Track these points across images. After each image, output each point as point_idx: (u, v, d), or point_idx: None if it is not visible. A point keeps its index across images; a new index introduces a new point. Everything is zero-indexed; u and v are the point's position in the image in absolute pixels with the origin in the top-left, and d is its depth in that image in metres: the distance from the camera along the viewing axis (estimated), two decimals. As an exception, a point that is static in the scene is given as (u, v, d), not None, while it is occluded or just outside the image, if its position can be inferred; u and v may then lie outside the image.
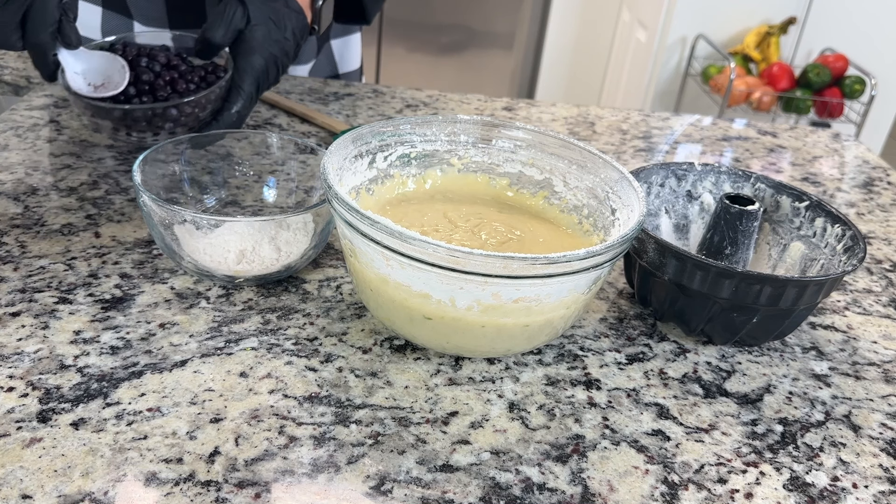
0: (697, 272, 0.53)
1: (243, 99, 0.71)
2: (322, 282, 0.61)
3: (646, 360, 0.56)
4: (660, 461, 0.47)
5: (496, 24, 2.69)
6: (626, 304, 0.63)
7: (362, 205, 0.59)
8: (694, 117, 1.09)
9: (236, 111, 0.71)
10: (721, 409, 0.52)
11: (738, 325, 0.55)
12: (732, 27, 2.22)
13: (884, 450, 0.50)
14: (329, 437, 0.46)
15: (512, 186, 0.64)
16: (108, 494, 0.41)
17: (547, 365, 0.55)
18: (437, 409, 0.49)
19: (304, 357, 0.52)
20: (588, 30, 2.71)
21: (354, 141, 0.57)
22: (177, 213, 0.55)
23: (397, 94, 1.02)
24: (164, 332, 0.53)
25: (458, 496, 0.43)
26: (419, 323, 0.50)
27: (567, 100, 2.81)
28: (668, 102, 2.30)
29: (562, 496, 0.44)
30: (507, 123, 0.63)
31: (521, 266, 0.45)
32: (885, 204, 0.88)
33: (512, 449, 0.47)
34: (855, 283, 0.70)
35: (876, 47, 2.21)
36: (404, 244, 0.46)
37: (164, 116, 0.69)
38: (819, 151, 1.02)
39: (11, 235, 0.62)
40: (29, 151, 0.75)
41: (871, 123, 2.22)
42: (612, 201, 0.58)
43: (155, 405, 0.47)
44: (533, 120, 1.00)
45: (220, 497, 0.41)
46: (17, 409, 0.46)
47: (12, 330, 0.52)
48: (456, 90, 1.08)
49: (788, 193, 0.64)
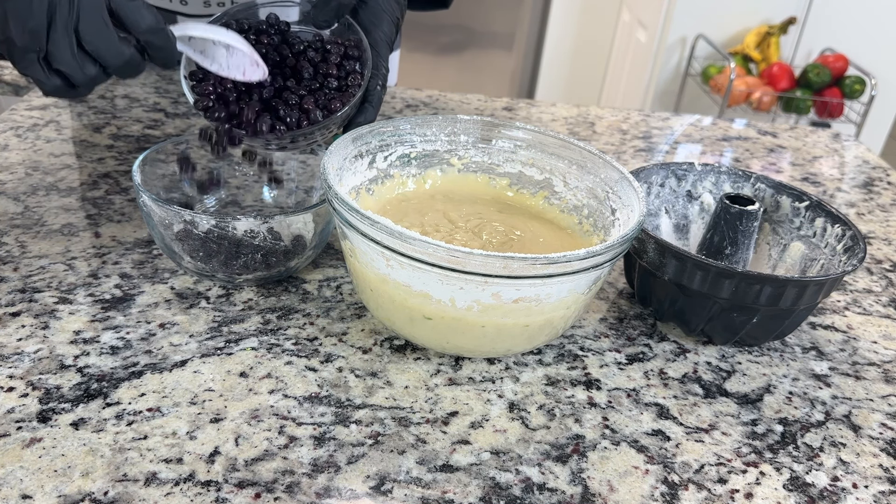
0: (697, 272, 0.53)
1: (383, 79, 0.59)
2: (322, 282, 0.61)
3: (646, 360, 0.56)
4: (660, 461, 0.47)
5: (496, 24, 2.69)
6: (626, 304, 0.63)
7: (362, 205, 0.59)
8: (694, 117, 1.09)
9: (381, 94, 0.58)
10: (721, 409, 0.52)
11: (738, 325, 0.55)
12: (732, 27, 2.22)
13: (884, 450, 0.50)
14: (329, 437, 0.46)
15: (512, 186, 0.64)
16: (108, 494, 0.41)
17: (547, 365, 0.55)
18: (437, 409, 0.49)
19: (304, 357, 0.52)
20: (588, 30, 2.71)
21: (354, 141, 0.57)
22: (177, 213, 0.55)
23: (397, 94, 1.02)
24: (164, 332, 0.53)
25: (458, 496, 0.43)
26: (419, 323, 0.50)
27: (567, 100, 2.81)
28: (668, 102, 2.30)
29: (562, 496, 0.44)
30: (507, 123, 0.63)
31: (521, 266, 0.45)
32: (885, 204, 0.88)
33: (512, 449, 0.47)
34: (855, 283, 0.70)
35: (876, 47, 2.21)
36: (404, 244, 0.46)
37: (309, 135, 0.57)
38: (819, 151, 1.02)
39: (11, 235, 0.62)
40: (29, 151, 0.75)
41: (871, 123, 2.22)
42: (612, 201, 0.58)
43: (155, 405, 0.47)
44: (533, 120, 1.00)
45: (220, 497, 0.41)
46: (17, 409, 0.46)
47: (12, 330, 0.52)
48: (456, 90, 1.08)
49: (788, 193, 0.64)
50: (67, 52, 0.47)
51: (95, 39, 0.47)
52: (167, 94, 0.92)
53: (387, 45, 0.60)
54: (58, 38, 0.46)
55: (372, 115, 0.58)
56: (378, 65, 0.58)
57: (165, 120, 0.85)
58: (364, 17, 0.60)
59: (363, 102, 0.58)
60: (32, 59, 0.47)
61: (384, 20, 0.60)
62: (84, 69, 0.48)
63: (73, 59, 0.47)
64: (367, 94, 0.58)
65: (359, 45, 0.59)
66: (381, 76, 0.58)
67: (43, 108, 0.85)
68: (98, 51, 0.48)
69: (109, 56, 0.48)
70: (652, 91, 2.29)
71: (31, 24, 0.46)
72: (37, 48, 0.47)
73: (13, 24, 0.46)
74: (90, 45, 0.47)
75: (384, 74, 0.59)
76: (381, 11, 0.60)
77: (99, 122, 0.83)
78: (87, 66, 0.48)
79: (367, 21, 0.59)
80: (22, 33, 0.46)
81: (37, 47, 0.47)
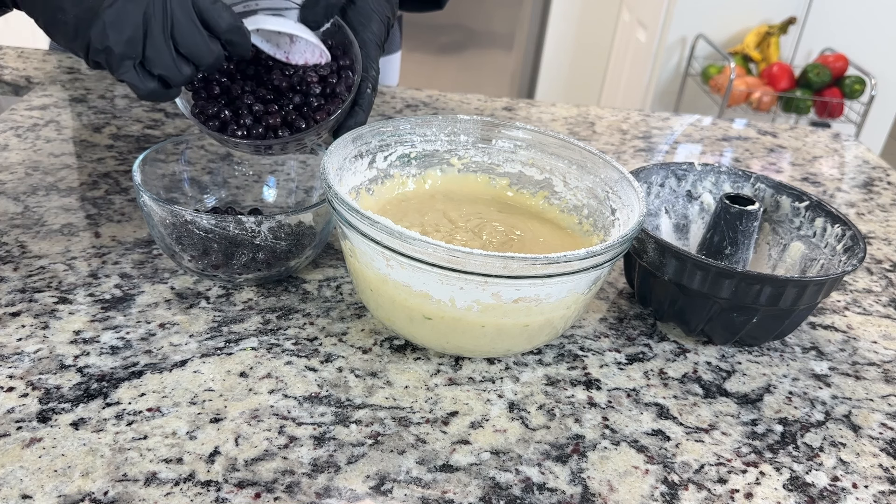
0: (697, 272, 0.53)
1: (373, 81, 0.58)
2: (322, 282, 0.61)
3: (646, 360, 0.56)
4: (660, 461, 0.47)
5: (496, 24, 2.69)
6: (626, 304, 0.63)
7: (362, 205, 0.59)
8: (694, 117, 1.09)
9: (371, 96, 0.58)
10: (721, 409, 0.52)
11: (738, 325, 0.55)
12: (732, 27, 2.22)
13: (884, 450, 0.50)
14: (329, 437, 0.46)
15: (512, 186, 0.64)
16: (108, 494, 0.41)
17: (547, 365, 0.55)
18: (437, 409, 0.49)
19: (304, 357, 0.52)
20: (588, 30, 2.71)
21: (354, 141, 0.57)
22: (177, 213, 0.55)
23: (397, 94, 1.02)
24: (164, 332, 0.53)
25: (458, 496, 0.43)
26: (419, 323, 0.50)
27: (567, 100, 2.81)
28: (668, 102, 2.30)
29: (562, 496, 0.44)
30: (507, 123, 0.63)
31: (521, 266, 0.45)
32: (885, 204, 0.88)
33: (512, 449, 0.47)
34: (855, 283, 0.70)
35: (876, 47, 2.21)
36: (404, 244, 0.46)
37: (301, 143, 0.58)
38: (819, 151, 1.02)
39: (11, 235, 0.62)
40: (29, 151, 0.75)
41: (871, 123, 2.22)
42: (612, 201, 0.58)
43: (155, 405, 0.47)
44: (533, 120, 1.00)
45: (220, 497, 0.41)
46: (17, 409, 0.46)
47: (12, 330, 0.52)
48: (456, 90, 1.08)
49: (788, 193, 0.64)
50: (167, 56, 0.49)
51: (189, 42, 0.50)
52: (167, 94, 0.92)
53: (376, 45, 0.59)
54: (157, 45, 0.49)
55: (362, 119, 0.58)
56: (367, 67, 0.58)
57: (165, 120, 0.85)
58: (353, 18, 0.59)
59: (353, 106, 0.58)
60: (129, 66, 0.49)
61: (374, 20, 0.59)
62: (181, 70, 0.50)
63: (172, 63, 0.50)
64: (356, 98, 0.58)
65: (347, 48, 0.59)
66: (370, 79, 0.58)
67: (43, 108, 0.85)
68: (192, 52, 0.50)
69: (203, 56, 0.51)
70: (652, 91, 2.29)
71: (129, 33, 0.48)
72: (134, 55, 0.49)
73: (111, 35, 0.48)
74: (185, 47, 0.50)
75: (374, 77, 0.58)
76: (371, 11, 0.59)
77: (99, 122, 0.83)
78: (183, 66, 0.51)
79: (356, 21, 0.59)
80: (120, 42, 0.48)
81: (134, 54, 0.49)
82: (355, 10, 0.59)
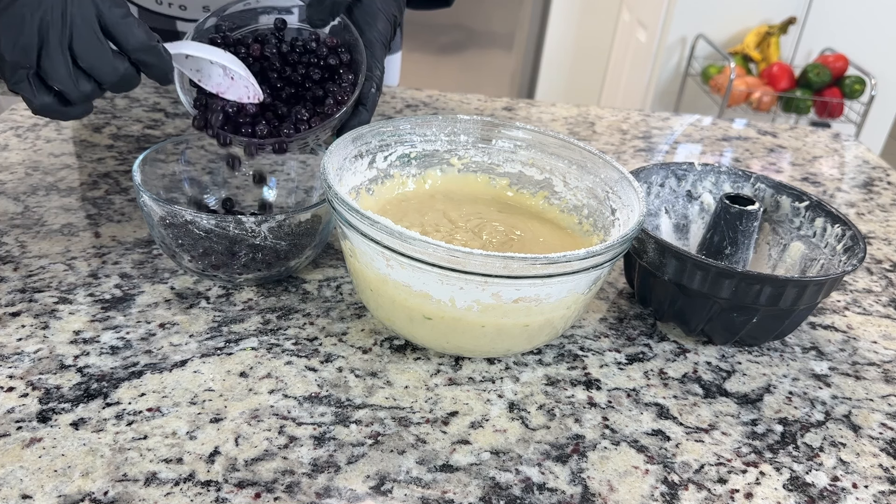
0: (697, 272, 0.53)
1: (377, 81, 0.57)
2: (322, 282, 0.61)
3: (646, 360, 0.56)
4: (660, 461, 0.47)
5: (496, 24, 2.69)
6: (626, 304, 0.63)
7: (362, 205, 0.59)
8: (694, 117, 1.09)
9: (376, 96, 0.57)
10: (721, 409, 0.52)
11: (738, 325, 0.55)
12: (732, 27, 2.22)
13: (884, 450, 0.50)
14: (329, 437, 0.46)
15: (512, 186, 0.64)
16: (108, 494, 0.41)
17: (547, 365, 0.55)
18: (437, 409, 0.49)
19: (304, 357, 0.52)
20: (588, 30, 2.71)
21: (354, 141, 0.57)
22: (177, 213, 0.55)
23: (397, 94, 1.02)
24: (164, 332, 0.53)
25: (458, 496, 0.43)
26: (419, 323, 0.50)
27: (567, 100, 2.81)
28: (668, 102, 2.30)
29: (562, 496, 0.44)
30: (507, 123, 0.63)
31: (521, 266, 0.45)
32: (885, 204, 0.88)
33: (512, 449, 0.47)
34: (855, 283, 0.70)
35: (876, 47, 2.21)
36: (404, 244, 0.46)
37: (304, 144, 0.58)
38: (819, 151, 1.02)
39: (11, 235, 0.62)
40: (29, 151, 0.75)
41: (871, 123, 2.22)
42: (612, 201, 0.58)
43: (155, 405, 0.47)
44: (533, 120, 1.00)
45: (220, 497, 0.41)
46: (17, 409, 0.46)
47: (12, 330, 0.52)
48: (456, 90, 1.08)
49: (788, 193, 0.64)
50: (63, 68, 0.47)
51: (90, 56, 0.47)
52: (167, 94, 0.92)
53: (382, 45, 0.58)
54: (52, 55, 0.46)
55: (366, 118, 0.58)
56: (372, 66, 0.57)
57: (165, 120, 0.85)
58: (359, 17, 0.58)
59: (357, 105, 0.57)
60: (22, 76, 0.47)
61: (379, 19, 0.58)
62: (79, 85, 0.48)
63: (68, 76, 0.47)
64: (361, 97, 0.57)
65: (352, 47, 0.58)
66: (375, 78, 0.57)
67: (43, 108, 0.85)
68: (93, 67, 0.47)
69: (104, 72, 0.48)
70: (652, 91, 2.29)
71: (23, 40, 0.45)
72: (27, 65, 0.46)
73: (4, 40, 0.45)
74: (85, 61, 0.47)
75: (379, 76, 0.58)
76: (377, 10, 0.58)
77: (99, 122, 0.83)
78: (82, 82, 0.48)
79: (361, 20, 0.58)
80: (13, 49, 0.45)
81: (27, 64, 0.46)
82: (361, 9, 0.58)
